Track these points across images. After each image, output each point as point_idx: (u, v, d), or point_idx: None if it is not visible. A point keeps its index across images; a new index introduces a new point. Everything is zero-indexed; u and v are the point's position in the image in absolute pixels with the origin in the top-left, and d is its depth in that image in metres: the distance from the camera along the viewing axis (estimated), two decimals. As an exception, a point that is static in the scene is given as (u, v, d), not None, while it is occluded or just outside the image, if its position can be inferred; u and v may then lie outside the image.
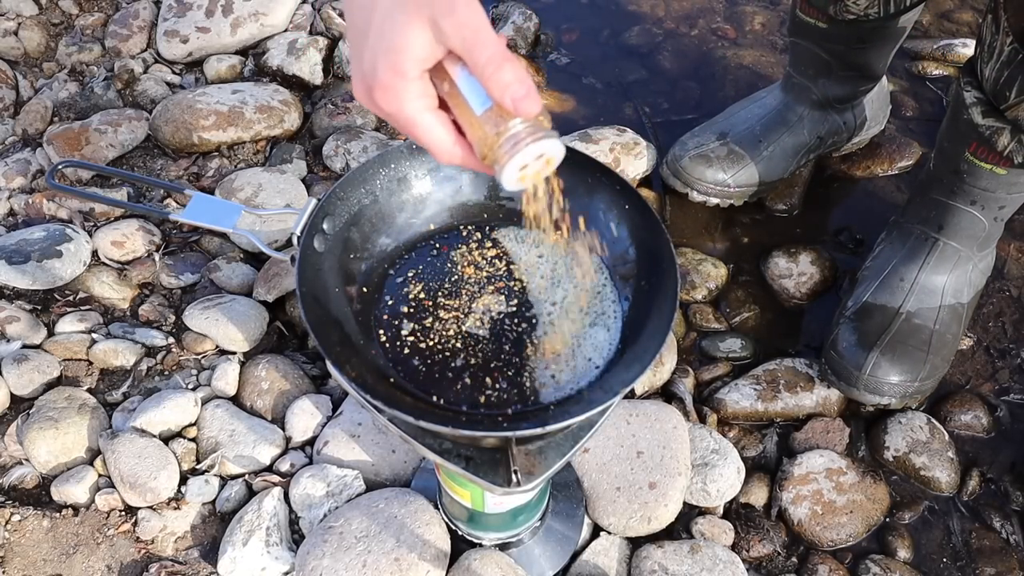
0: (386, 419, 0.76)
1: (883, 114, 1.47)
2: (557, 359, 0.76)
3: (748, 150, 1.36)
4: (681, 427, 1.10)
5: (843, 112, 1.38)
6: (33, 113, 1.47)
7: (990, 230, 1.16)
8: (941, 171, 1.15)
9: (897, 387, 1.15)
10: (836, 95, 1.34)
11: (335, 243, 0.79)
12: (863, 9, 1.17)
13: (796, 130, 1.36)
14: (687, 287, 1.32)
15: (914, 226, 1.21)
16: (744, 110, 1.42)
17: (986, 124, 1.04)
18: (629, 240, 0.81)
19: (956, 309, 1.20)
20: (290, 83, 1.55)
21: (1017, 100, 0.99)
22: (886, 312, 1.18)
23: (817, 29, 1.25)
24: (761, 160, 1.36)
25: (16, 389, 1.14)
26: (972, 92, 1.05)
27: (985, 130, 1.04)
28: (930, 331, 1.17)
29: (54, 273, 1.22)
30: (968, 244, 1.18)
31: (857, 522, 1.08)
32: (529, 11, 1.70)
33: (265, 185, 1.34)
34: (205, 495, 1.06)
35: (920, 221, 1.20)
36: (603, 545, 1.04)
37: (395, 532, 0.97)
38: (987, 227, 1.15)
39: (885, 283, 1.20)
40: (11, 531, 1.04)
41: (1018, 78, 0.97)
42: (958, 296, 1.20)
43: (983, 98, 1.04)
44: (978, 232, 1.16)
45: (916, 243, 1.20)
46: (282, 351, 1.22)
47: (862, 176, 1.48)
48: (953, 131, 1.10)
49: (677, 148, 1.41)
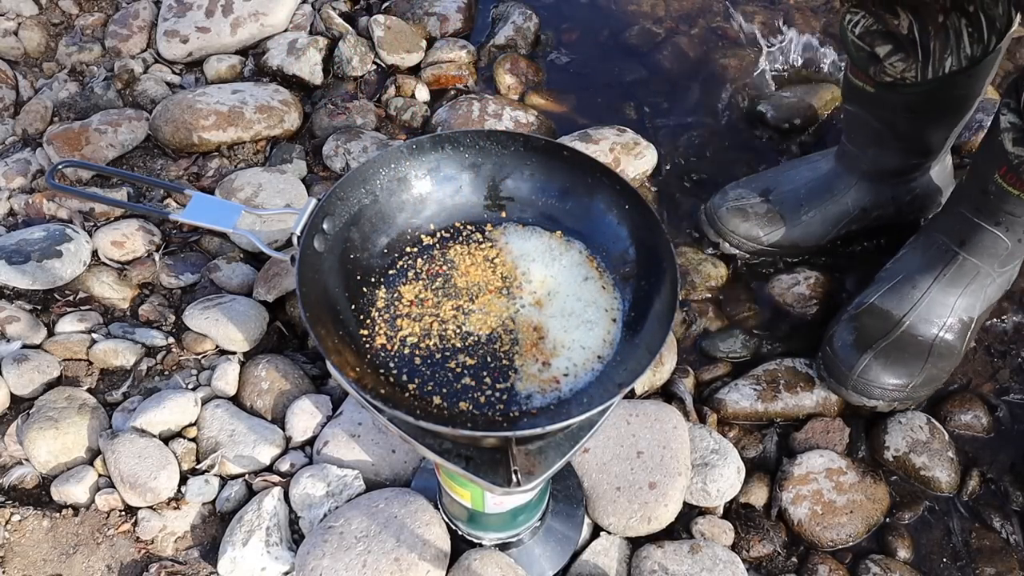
0: (386, 419, 0.76)
1: (943, 194, 1.36)
2: (557, 359, 0.76)
3: (787, 212, 1.32)
4: (681, 427, 1.10)
5: (896, 187, 1.31)
6: (33, 113, 1.47)
7: (1013, 250, 1.14)
8: (971, 188, 1.12)
9: (888, 392, 1.14)
10: (888, 167, 1.27)
11: (335, 243, 0.79)
12: (900, 72, 1.12)
13: (840, 199, 1.31)
14: (687, 287, 1.32)
15: (939, 236, 1.18)
16: (794, 170, 1.37)
17: (1016, 152, 1.00)
18: (629, 240, 0.81)
19: (965, 322, 1.18)
20: (290, 83, 1.56)
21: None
22: (889, 318, 1.17)
23: (865, 94, 1.19)
24: (799, 224, 1.32)
25: (16, 389, 1.14)
26: (1008, 116, 1.01)
27: (1014, 158, 1.01)
28: (931, 343, 1.16)
29: (54, 273, 1.22)
30: (989, 262, 1.15)
31: (857, 522, 1.08)
32: (529, 11, 1.70)
33: (265, 185, 1.34)
34: (205, 495, 1.06)
35: (945, 233, 1.17)
36: (603, 545, 1.04)
37: (395, 532, 0.97)
38: (1010, 247, 1.13)
39: (896, 288, 1.19)
40: (11, 531, 1.04)
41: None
42: (969, 311, 1.18)
43: (1018, 124, 1.00)
44: (1000, 251, 1.14)
45: (936, 254, 1.18)
46: (282, 351, 1.22)
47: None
48: (987, 152, 1.07)
49: (718, 197, 1.36)
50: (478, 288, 0.81)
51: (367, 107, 1.52)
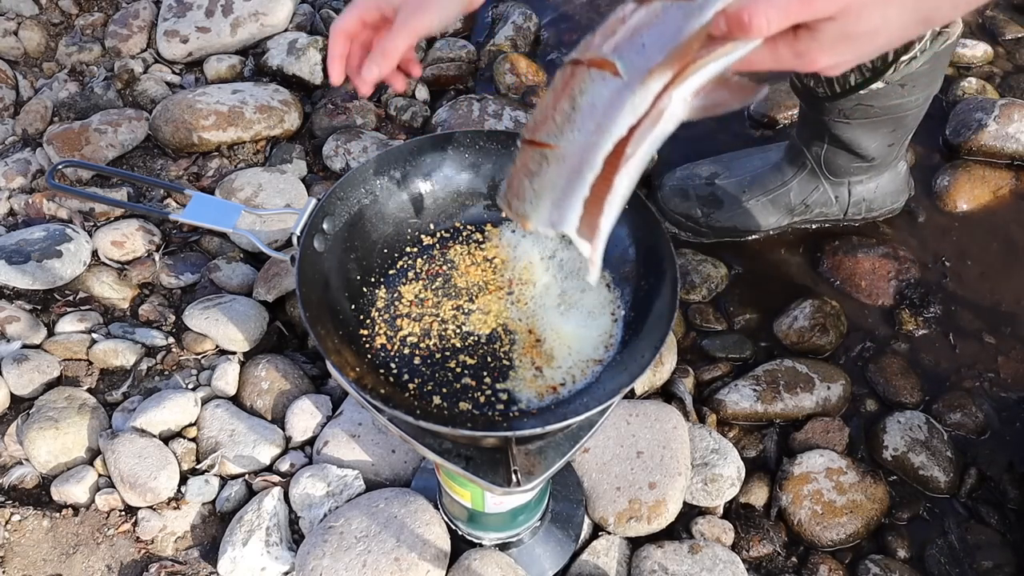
0: (386, 419, 0.76)
1: (894, 200, 1.39)
2: (557, 359, 0.76)
3: (729, 197, 1.35)
4: (681, 427, 1.10)
5: (837, 186, 1.35)
6: (33, 113, 1.47)
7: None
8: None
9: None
10: (828, 167, 1.31)
11: (335, 243, 0.79)
12: (813, 83, 1.17)
13: (783, 191, 1.34)
14: (687, 287, 1.32)
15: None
16: (747, 157, 1.41)
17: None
18: (629, 240, 0.81)
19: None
20: (290, 83, 1.55)
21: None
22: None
23: (804, 97, 1.24)
24: (740, 211, 1.35)
25: (16, 389, 1.14)
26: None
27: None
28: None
29: (54, 273, 1.22)
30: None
31: (857, 522, 1.08)
32: (529, 11, 1.70)
33: (265, 185, 1.34)
34: (205, 495, 1.06)
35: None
36: (603, 545, 1.04)
37: (395, 532, 0.97)
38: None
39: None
40: (11, 531, 1.04)
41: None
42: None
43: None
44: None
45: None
46: (282, 351, 1.22)
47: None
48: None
49: (666, 176, 1.40)
50: (478, 288, 0.81)
51: (367, 107, 1.52)
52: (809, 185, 1.34)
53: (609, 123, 0.53)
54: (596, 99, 0.54)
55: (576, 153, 0.55)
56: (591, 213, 0.56)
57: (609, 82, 0.53)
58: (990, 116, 1.46)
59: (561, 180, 0.56)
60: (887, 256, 1.35)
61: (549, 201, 0.57)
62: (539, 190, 0.57)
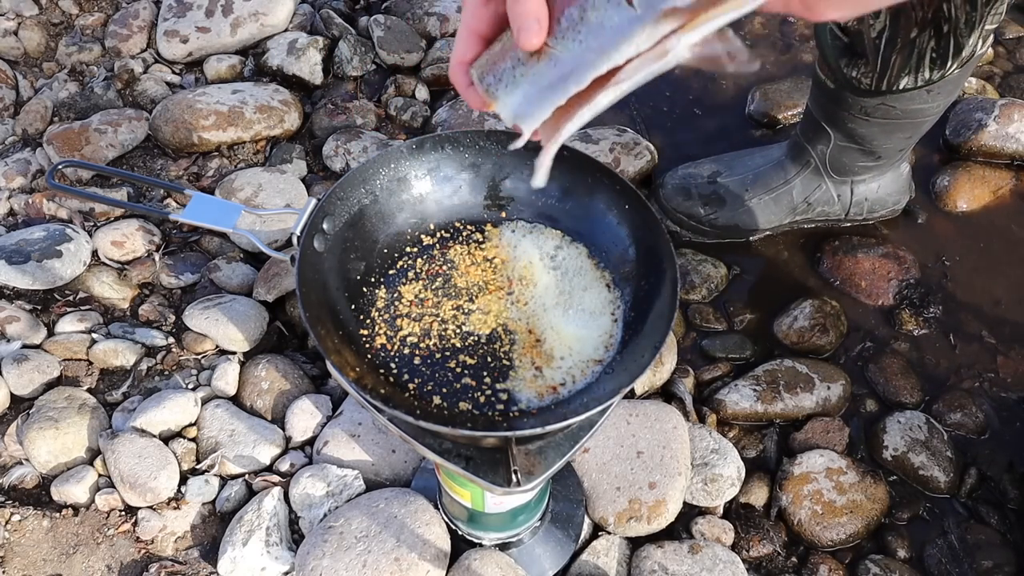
0: (386, 419, 0.76)
1: (895, 200, 1.39)
2: (557, 359, 0.76)
3: (732, 196, 1.35)
4: (681, 427, 1.10)
5: (839, 185, 1.35)
6: (33, 113, 1.47)
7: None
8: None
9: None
10: (833, 165, 1.31)
11: (335, 243, 0.79)
12: (860, 73, 1.15)
13: (785, 189, 1.35)
14: (687, 287, 1.32)
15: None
16: (749, 156, 1.41)
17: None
18: (629, 240, 0.81)
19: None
20: (290, 83, 1.55)
21: None
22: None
23: (826, 89, 1.22)
24: (743, 209, 1.35)
25: (16, 389, 1.14)
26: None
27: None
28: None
29: (54, 273, 1.22)
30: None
31: (857, 522, 1.08)
32: (529, 11, 1.70)
33: (265, 185, 1.34)
34: (205, 495, 1.06)
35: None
36: (603, 545, 1.04)
37: (395, 532, 0.97)
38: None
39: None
40: (11, 531, 1.04)
41: None
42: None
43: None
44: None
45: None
46: (282, 351, 1.22)
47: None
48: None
49: (668, 174, 1.41)
50: (478, 288, 0.81)
51: (367, 107, 1.52)
52: (812, 183, 1.34)
53: (611, 49, 0.53)
54: (606, 20, 0.54)
55: (569, 63, 0.55)
56: (557, 118, 0.56)
57: (623, 10, 0.53)
58: (990, 116, 1.46)
59: (544, 81, 0.56)
60: (887, 256, 1.35)
61: (523, 94, 0.57)
62: (519, 79, 0.57)
